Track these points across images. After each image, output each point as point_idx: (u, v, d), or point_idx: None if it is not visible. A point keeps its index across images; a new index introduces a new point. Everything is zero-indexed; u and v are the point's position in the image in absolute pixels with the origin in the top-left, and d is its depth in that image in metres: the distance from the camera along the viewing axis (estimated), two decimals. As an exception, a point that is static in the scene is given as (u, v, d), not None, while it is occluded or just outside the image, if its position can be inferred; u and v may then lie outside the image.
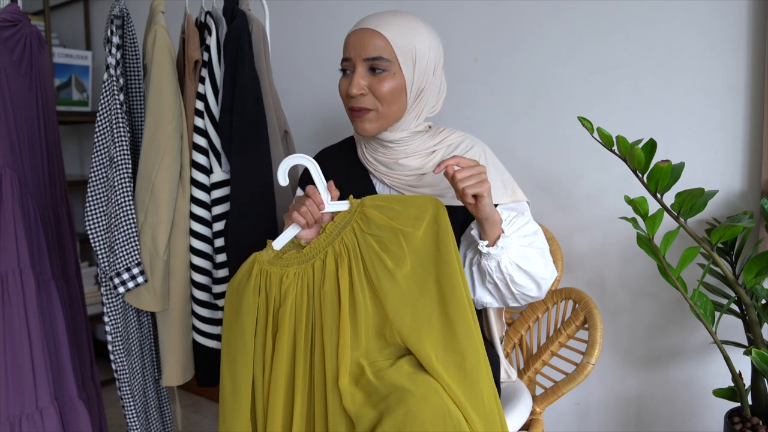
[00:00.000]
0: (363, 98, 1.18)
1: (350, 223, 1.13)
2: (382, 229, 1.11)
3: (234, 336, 1.14)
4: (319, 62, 2.00)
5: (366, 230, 1.12)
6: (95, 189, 1.51)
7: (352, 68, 1.19)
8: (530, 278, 1.17)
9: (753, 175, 1.36)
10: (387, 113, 1.20)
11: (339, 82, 1.23)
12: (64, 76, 2.62)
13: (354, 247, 1.11)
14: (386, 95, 1.18)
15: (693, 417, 1.47)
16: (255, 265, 1.16)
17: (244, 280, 1.16)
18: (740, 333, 1.34)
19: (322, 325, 1.09)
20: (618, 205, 1.48)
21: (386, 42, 1.17)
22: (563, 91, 1.56)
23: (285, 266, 1.14)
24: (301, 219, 1.14)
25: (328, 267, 1.11)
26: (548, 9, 1.56)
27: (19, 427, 1.44)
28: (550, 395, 1.35)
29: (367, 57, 1.17)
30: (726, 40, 1.35)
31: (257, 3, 1.70)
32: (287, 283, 1.12)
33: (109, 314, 1.53)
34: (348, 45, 1.20)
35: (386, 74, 1.17)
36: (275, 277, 1.13)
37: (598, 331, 1.31)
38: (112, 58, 1.48)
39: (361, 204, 1.14)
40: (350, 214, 1.14)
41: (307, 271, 1.13)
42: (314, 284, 1.12)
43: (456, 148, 1.26)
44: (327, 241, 1.14)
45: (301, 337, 1.10)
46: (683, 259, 1.17)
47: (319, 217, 1.16)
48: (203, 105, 1.51)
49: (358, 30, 1.19)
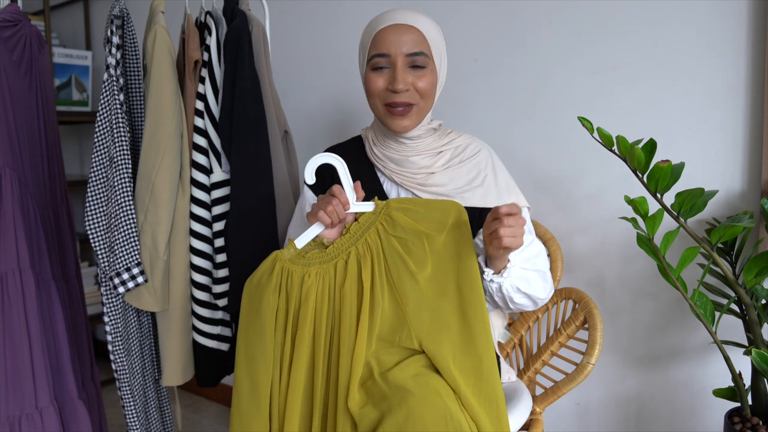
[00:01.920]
0: (407, 94, 1.18)
1: (374, 224, 1.13)
2: (407, 231, 1.10)
3: (253, 335, 1.13)
4: (319, 62, 2.00)
5: (390, 232, 1.11)
6: (95, 189, 1.51)
7: (391, 64, 1.18)
8: (528, 298, 1.18)
9: (753, 175, 1.36)
10: (425, 109, 1.21)
11: (370, 79, 1.20)
12: (64, 76, 2.62)
13: (377, 248, 1.11)
14: (427, 90, 1.19)
15: (693, 417, 1.47)
16: (276, 264, 1.14)
17: (265, 277, 1.14)
18: (740, 333, 1.34)
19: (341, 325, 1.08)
20: (618, 205, 1.48)
21: (423, 37, 1.17)
22: (563, 91, 1.56)
23: (307, 265, 1.13)
24: (326, 218, 1.13)
25: (350, 267, 1.10)
26: (548, 9, 1.56)
27: (19, 427, 1.44)
28: (550, 395, 1.35)
29: (409, 52, 1.16)
30: (726, 40, 1.35)
31: (257, 3, 1.70)
32: (309, 283, 1.11)
33: (109, 314, 1.53)
34: (383, 41, 1.17)
35: (426, 70, 1.18)
36: (297, 276, 1.12)
37: (598, 331, 1.31)
38: (112, 58, 1.48)
39: (386, 206, 1.13)
40: (375, 216, 1.13)
41: (329, 270, 1.12)
42: (335, 284, 1.11)
43: (463, 151, 1.27)
44: (351, 242, 1.13)
45: (321, 337, 1.08)
46: (683, 259, 1.17)
47: (344, 217, 1.14)
48: (203, 105, 1.51)
49: (393, 26, 1.17)
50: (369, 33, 1.21)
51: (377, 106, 1.22)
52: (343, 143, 1.39)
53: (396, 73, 1.16)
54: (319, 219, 1.14)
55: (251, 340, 1.13)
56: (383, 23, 1.19)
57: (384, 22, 1.19)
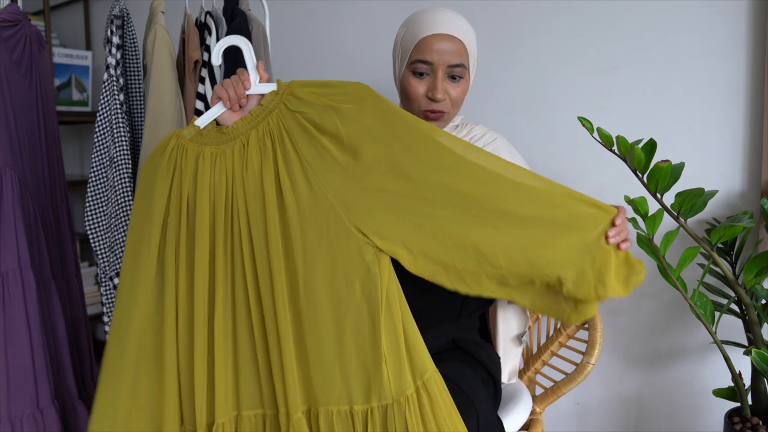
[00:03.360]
0: (443, 102, 1.20)
1: (278, 105, 1.03)
2: (315, 107, 1.00)
3: (140, 215, 1.05)
4: (319, 62, 2.00)
5: (294, 108, 1.01)
6: (95, 189, 1.51)
7: (432, 72, 1.18)
8: None
9: (753, 175, 1.35)
10: (453, 114, 1.24)
11: (409, 82, 1.20)
12: (64, 76, 2.62)
13: (278, 128, 1.01)
14: (459, 99, 1.21)
15: (693, 417, 1.47)
16: (172, 140, 1.05)
17: (158, 153, 1.05)
18: (740, 333, 1.34)
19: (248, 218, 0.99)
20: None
21: (465, 49, 1.18)
22: (563, 91, 1.56)
23: (203, 144, 1.04)
24: (223, 92, 1.04)
25: (250, 151, 1.01)
26: (548, 9, 1.56)
27: (21, 426, 1.44)
28: (550, 395, 1.35)
29: (451, 64, 1.17)
30: (726, 40, 1.35)
31: (257, 3, 1.70)
32: (203, 166, 1.02)
33: (109, 314, 1.53)
34: (428, 48, 1.17)
35: (462, 80, 1.20)
36: (191, 153, 1.03)
37: (598, 331, 1.31)
38: (112, 58, 1.48)
39: (289, 85, 1.03)
40: (278, 96, 1.03)
41: (225, 152, 1.02)
42: (234, 169, 1.01)
43: (479, 140, 1.29)
44: (251, 124, 1.03)
45: (221, 225, 1.00)
46: (683, 259, 1.17)
47: (244, 95, 1.05)
48: (203, 105, 1.51)
49: (439, 35, 1.17)
50: (412, 36, 1.19)
51: (412, 109, 1.23)
52: None
53: (436, 83, 1.17)
54: (216, 93, 1.05)
55: (137, 223, 1.05)
56: (429, 30, 1.17)
57: (430, 28, 1.17)
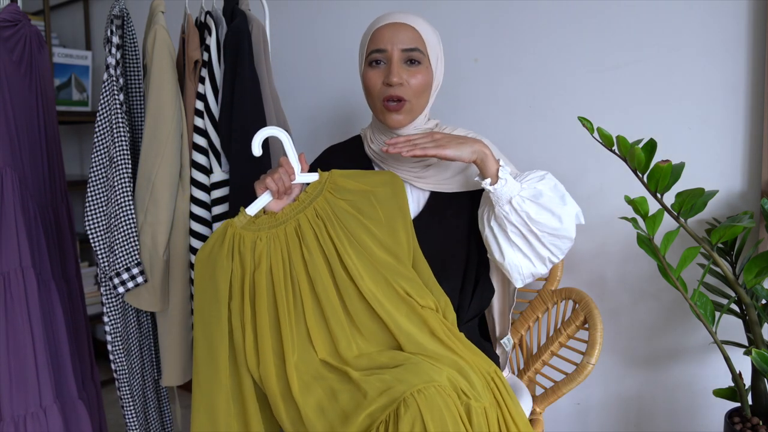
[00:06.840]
0: (401, 88, 1.20)
1: (322, 192, 1.18)
2: (353, 192, 1.17)
3: (207, 302, 1.15)
4: (319, 62, 2.00)
5: (338, 195, 1.17)
6: (95, 189, 1.51)
7: (386, 59, 1.20)
8: (547, 210, 1.13)
9: (753, 175, 1.35)
10: (416, 106, 1.23)
11: (367, 75, 1.23)
12: (64, 76, 2.62)
13: (326, 212, 1.15)
14: (419, 87, 1.21)
15: (693, 417, 1.47)
16: (228, 230, 1.17)
17: (218, 245, 1.17)
18: (740, 333, 1.34)
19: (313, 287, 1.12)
20: (618, 205, 1.48)
21: (419, 36, 1.20)
22: (563, 91, 1.56)
23: (257, 230, 1.16)
24: (272, 184, 1.16)
25: (304, 232, 1.14)
26: (548, 9, 1.56)
27: (24, 426, 1.44)
28: (550, 395, 1.35)
29: (405, 48, 1.19)
30: (726, 39, 1.35)
31: (257, 3, 1.70)
32: (261, 247, 1.14)
33: (109, 314, 1.53)
34: (380, 37, 1.21)
35: (420, 67, 1.21)
36: (248, 240, 1.15)
37: (598, 331, 1.31)
38: (112, 58, 1.48)
39: (330, 174, 1.19)
40: (321, 184, 1.19)
41: (279, 234, 1.15)
42: (289, 248, 1.14)
43: None
44: (299, 208, 1.17)
45: (283, 300, 1.11)
46: (683, 259, 1.17)
47: (290, 186, 1.19)
48: (203, 105, 1.51)
49: (391, 24, 1.21)
50: (367, 32, 1.25)
51: (374, 102, 1.25)
52: (343, 143, 1.40)
53: (391, 67, 1.19)
54: (266, 185, 1.17)
55: (206, 308, 1.15)
56: (381, 22, 1.23)
57: (382, 21, 1.23)
